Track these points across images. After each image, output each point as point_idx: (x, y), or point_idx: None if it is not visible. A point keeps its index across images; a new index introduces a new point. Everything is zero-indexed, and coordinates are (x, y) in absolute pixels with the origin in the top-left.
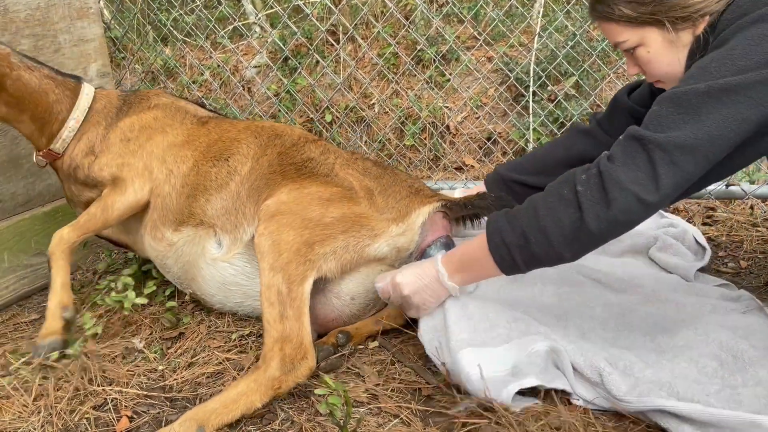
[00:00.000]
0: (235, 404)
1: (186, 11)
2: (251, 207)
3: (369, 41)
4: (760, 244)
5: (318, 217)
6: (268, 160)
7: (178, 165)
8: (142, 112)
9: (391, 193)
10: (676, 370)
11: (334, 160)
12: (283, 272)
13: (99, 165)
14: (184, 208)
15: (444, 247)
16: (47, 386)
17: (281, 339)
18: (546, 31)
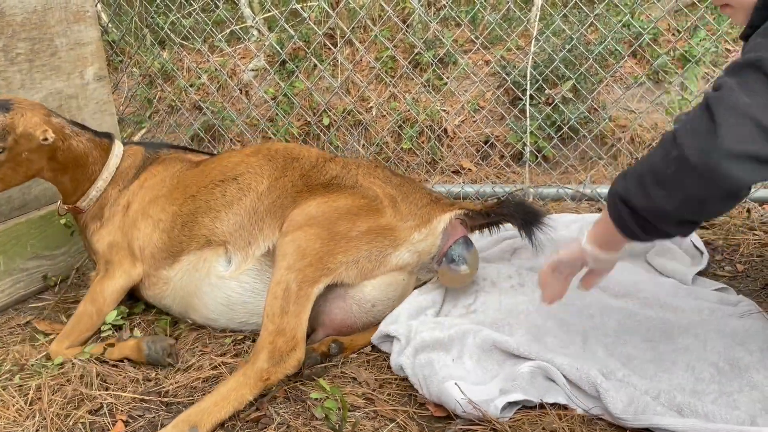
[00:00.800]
0: (226, 401)
1: (183, 14)
2: (271, 222)
3: (366, 45)
4: (756, 247)
5: (345, 231)
6: (290, 180)
7: (165, 209)
8: (147, 171)
9: (413, 200)
10: (674, 381)
11: (356, 171)
12: (300, 272)
13: (98, 237)
14: (181, 237)
15: (465, 247)
16: (43, 390)
17: (276, 332)
18: (543, 35)
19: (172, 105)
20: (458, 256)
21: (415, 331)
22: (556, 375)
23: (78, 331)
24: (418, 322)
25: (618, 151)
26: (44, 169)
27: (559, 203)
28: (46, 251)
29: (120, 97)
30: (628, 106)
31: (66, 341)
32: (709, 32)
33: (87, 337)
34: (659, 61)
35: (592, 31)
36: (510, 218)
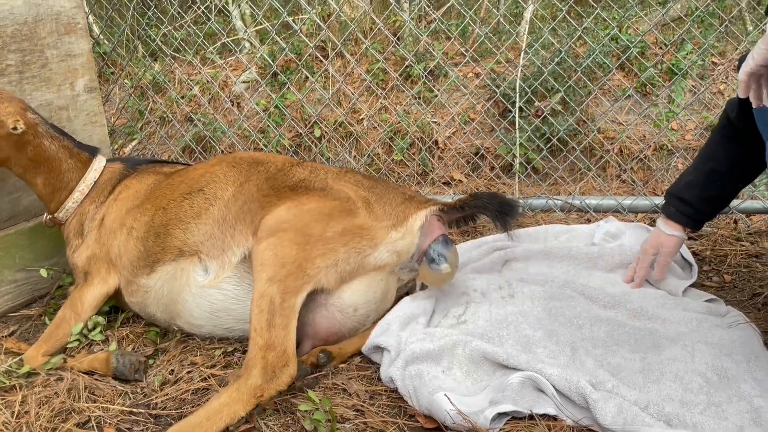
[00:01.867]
0: (218, 415)
1: (175, 27)
2: (242, 229)
3: (357, 57)
4: (744, 258)
5: (319, 233)
6: (255, 184)
7: (138, 218)
8: (122, 185)
9: (387, 201)
10: (663, 391)
11: (325, 175)
12: (281, 283)
13: (78, 253)
14: (155, 248)
15: (444, 245)
16: (30, 403)
17: (266, 347)
18: (532, 48)
19: (164, 117)
20: (438, 255)
21: (405, 342)
22: (545, 385)
23: (56, 337)
24: (408, 332)
25: (606, 162)
26: (12, 160)
27: (549, 214)
28: (36, 263)
29: (111, 109)
30: (617, 119)
31: (43, 346)
32: (695, 46)
33: (64, 343)
34: (646, 74)
35: (580, 44)
36: (484, 210)
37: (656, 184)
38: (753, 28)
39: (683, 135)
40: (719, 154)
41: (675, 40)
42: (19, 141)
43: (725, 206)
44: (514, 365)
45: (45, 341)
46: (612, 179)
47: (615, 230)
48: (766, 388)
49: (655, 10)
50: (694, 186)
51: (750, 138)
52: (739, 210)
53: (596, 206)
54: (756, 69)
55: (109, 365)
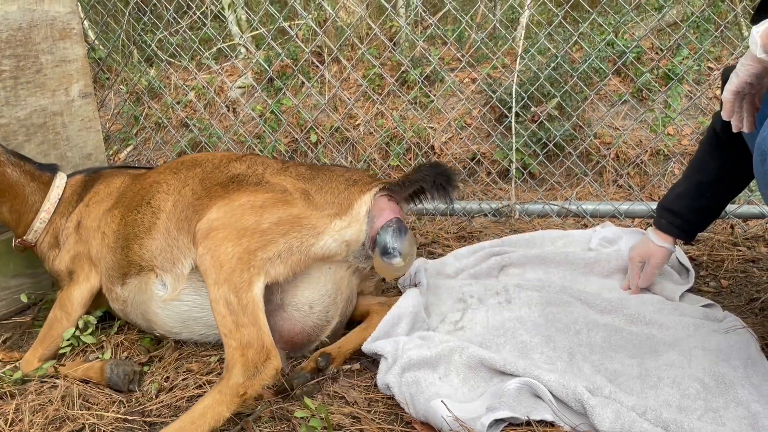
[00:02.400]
0: (202, 418)
1: (171, 32)
2: (184, 238)
3: (354, 62)
4: (740, 263)
5: (254, 225)
6: (191, 189)
7: (109, 224)
8: (90, 191)
9: (328, 190)
10: (661, 397)
11: (263, 170)
12: (228, 282)
13: (59, 259)
14: (122, 261)
15: (396, 231)
16: (23, 411)
17: (241, 346)
18: (528, 53)
19: (159, 122)
20: (391, 247)
21: (402, 348)
22: (542, 392)
23: (50, 338)
24: (407, 338)
25: (603, 167)
26: None
27: (545, 219)
28: (29, 269)
29: (106, 115)
30: (613, 124)
31: (39, 349)
32: (691, 51)
33: (59, 344)
34: (643, 79)
35: (576, 49)
36: (423, 182)
37: (653, 189)
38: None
39: (679, 140)
40: (708, 166)
41: (671, 45)
42: None
43: (716, 217)
44: (511, 371)
45: (40, 344)
46: (608, 184)
47: (612, 235)
48: (764, 393)
49: (651, 16)
50: (683, 197)
51: (737, 149)
52: (735, 215)
53: (593, 211)
54: (741, 86)
55: (104, 375)
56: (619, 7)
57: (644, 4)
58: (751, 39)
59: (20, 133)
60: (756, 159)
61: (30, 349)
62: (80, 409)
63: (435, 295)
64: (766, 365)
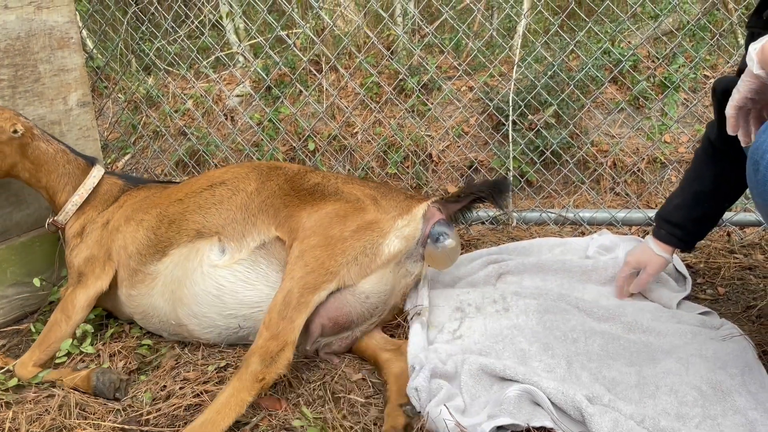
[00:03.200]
0: (227, 407)
1: (169, 41)
2: (264, 219)
3: (351, 71)
4: (737, 270)
5: (339, 234)
6: (276, 183)
7: (148, 211)
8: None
9: (391, 197)
10: (659, 405)
11: (335, 180)
12: (301, 280)
13: (76, 252)
14: (169, 233)
15: (445, 225)
16: (20, 420)
17: (270, 337)
18: (525, 62)
19: (157, 131)
20: (440, 233)
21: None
22: (542, 399)
23: (48, 342)
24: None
25: (600, 175)
26: (18, 166)
27: (543, 227)
28: (27, 278)
29: (104, 123)
30: (610, 131)
31: (36, 352)
32: (687, 59)
33: (57, 348)
34: (639, 87)
35: (573, 58)
36: (479, 194)
37: (650, 196)
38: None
39: (676, 147)
40: (704, 175)
41: (667, 53)
42: (21, 145)
43: (714, 225)
44: (511, 376)
45: (38, 347)
46: (605, 192)
47: (609, 243)
48: (761, 401)
49: (647, 24)
50: (681, 208)
51: (732, 157)
52: (732, 222)
53: (590, 219)
54: (742, 102)
55: (90, 383)
56: (616, 16)
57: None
58: (747, 57)
59: None
60: (749, 168)
61: (27, 352)
62: (77, 419)
63: (432, 305)
64: (763, 373)
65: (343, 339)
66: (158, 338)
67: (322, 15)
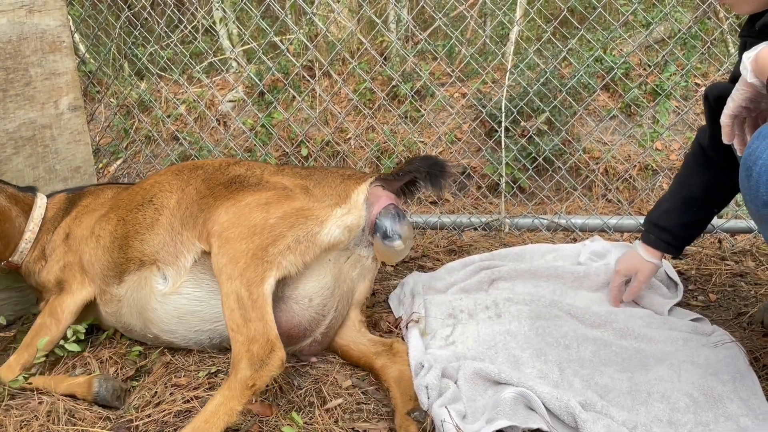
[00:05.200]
0: (215, 416)
1: (162, 45)
2: (188, 234)
3: (344, 77)
4: (728, 277)
5: (262, 222)
6: (194, 188)
7: (104, 227)
8: (78, 206)
9: (325, 185)
10: (652, 412)
11: (262, 172)
12: (241, 277)
13: (47, 270)
14: (120, 259)
15: (394, 215)
16: (7, 426)
17: (248, 341)
18: (517, 69)
19: (149, 136)
20: (390, 231)
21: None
22: (536, 403)
23: (35, 345)
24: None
25: (592, 182)
26: None
27: (535, 233)
28: (16, 284)
29: (96, 128)
30: (602, 138)
31: (24, 355)
32: (678, 67)
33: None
34: (631, 94)
35: (565, 65)
36: (416, 173)
37: (641, 203)
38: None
39: (668, 155)
40: (694, 181)
41: (658, 61)
42: None
43: (702, 230)
44: (506, 380)
45: (25, 350)
46: (597, 198)
47: (601, 249)
48: (752, 407)
49: (639, 32)
50: (671, 213)
51: (723, 164)
52: (723, 229)
53: (582, 225)
54: (737, 110)
55: (91, 389)
56: (608, 24)
57: (632, 21)
58: (741, 65)
59: (8, 146)
60: (742, 174)
61: (14, 354)
62: (65, 425)
63: (425, 312)
64: (754, 379)
65: (310, 344)
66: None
67: (316, 21)
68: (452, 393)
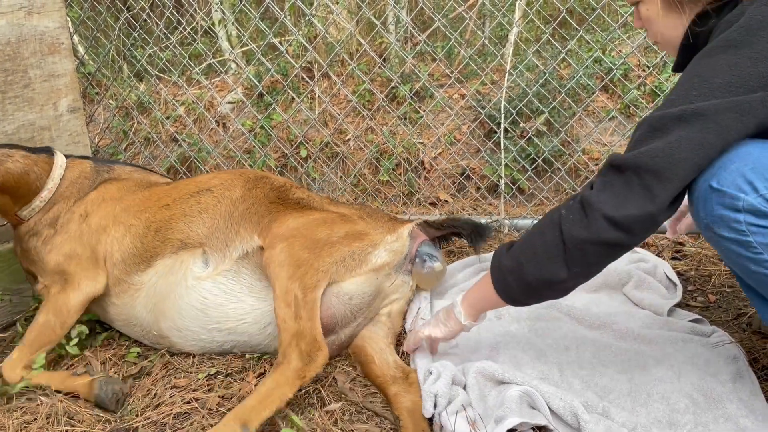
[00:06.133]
0: (269, 398)
1: (161, 47)
2: (247, 227)
3: (343, 78)
4: (728, 278)
5: (326, 238)
6: (262, 192)
7: (138, 215)
8: (104, 185)
9: (377, 218)
10: (651, 413)
11: (321, 200)
12: (300, 281)
13: (52, 244)
14: (154, 242)
15: (431, 246)
16: (7, 429)
17: (296, 335)
18: (516, 70)
19: (148, 137)
20: (428, 254)
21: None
22: (540, 402)
23: (39, 343)
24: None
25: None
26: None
27: None
28: (13, 285)
29: (95, 129)
30: (601, 139)
31: (27, 354)
32: None
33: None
34: (630, 95)
35: (564, 66)
36: (460, 230)
37: None
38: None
39: None
40: None
41: (657, 62)
42: None
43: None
44: (510, 380)
45: (28, 349)
46: None
47: None
48: (752, 408)
49: (638, 33)
50: None
51: None
52: None
53: None
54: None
55: (92, 391)
56: (606, 25)
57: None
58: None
59: None
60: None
61: (16, 352)
62: (65, 426)
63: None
64: (754, 380)
65: (331, 343)
66: (148, 345)
67: (315, 22)
68: (461, 399)
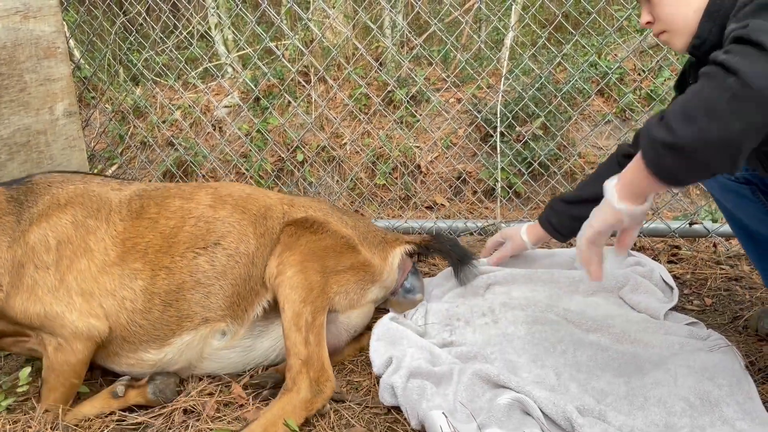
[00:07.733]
0: (274, 427)
1: (157, 51)
2: (260, 280)
3: (340, 82)
4: (724, 281)
5: (334, 266)
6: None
7: (131, 283)
8: (53, 216)
9: (371, 240)
10: (648, 417)
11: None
12: (312, 304)
13: (17, 308)
14: (168, 320)
15: (415, 277)
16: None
17: (306, 362)
18: (512, 74)
19: (144, 141)
20: (411, 287)
21: (412, 356)
22: (532, 408)
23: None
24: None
25: None
26: None
27: None
28: None
29: (91, 133)
30: (597, 143)
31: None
32: (672, 72)
33: None
34: (625, 99)
35: (560, 70)
36: (445, 254)
37: None
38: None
39: None
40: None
41: (653, 66)
42: None
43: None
44: (504, 383)
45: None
46: None
47: None
48: (749, 411)
49: (633, 38)
50: (570, 202)
51: None
52: (718, 234)
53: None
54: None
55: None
56: (602, 29)
57: (626, 26)
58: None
59: (3, 152)
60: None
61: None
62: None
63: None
64: (750, 383)
65: None
66: None
67: (311, 26)
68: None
